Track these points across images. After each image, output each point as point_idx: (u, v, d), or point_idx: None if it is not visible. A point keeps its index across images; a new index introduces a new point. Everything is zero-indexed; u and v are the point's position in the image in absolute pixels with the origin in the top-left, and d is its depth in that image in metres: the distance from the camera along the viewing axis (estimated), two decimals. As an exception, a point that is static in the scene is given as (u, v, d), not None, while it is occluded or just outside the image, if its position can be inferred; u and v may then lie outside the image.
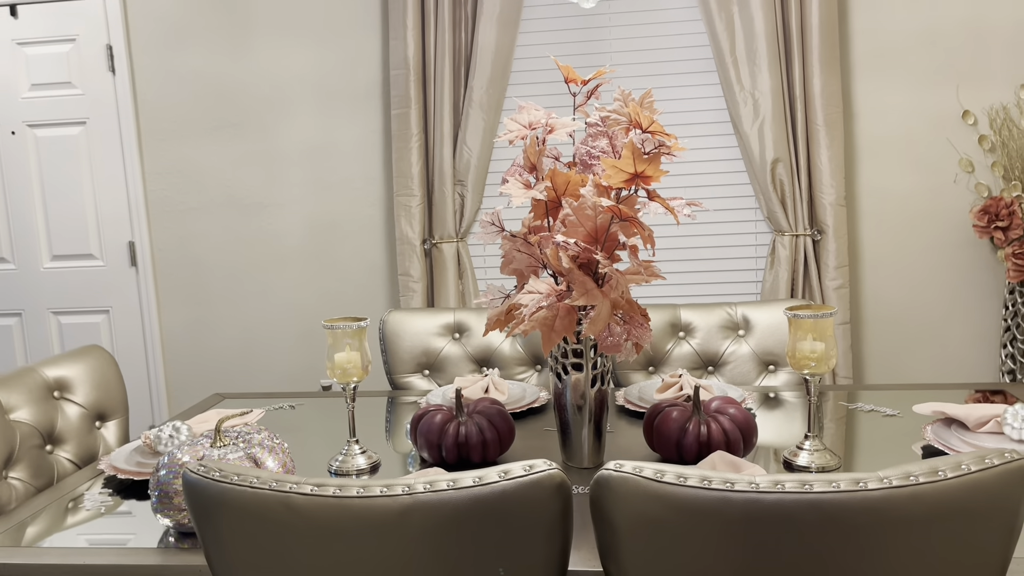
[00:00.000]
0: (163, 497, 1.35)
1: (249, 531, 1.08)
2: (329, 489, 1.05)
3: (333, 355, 1.64)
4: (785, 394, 2.03)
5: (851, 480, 0.96)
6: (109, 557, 1.32)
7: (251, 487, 1.07)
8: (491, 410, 1.66)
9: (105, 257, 3.48)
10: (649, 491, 1.01)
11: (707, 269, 3.23)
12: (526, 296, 1.45)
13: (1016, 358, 2.88)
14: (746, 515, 0.97)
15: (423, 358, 2.33)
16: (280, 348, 3.48)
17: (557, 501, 1.06)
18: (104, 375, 1.92)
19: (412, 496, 1.03)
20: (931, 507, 0.95)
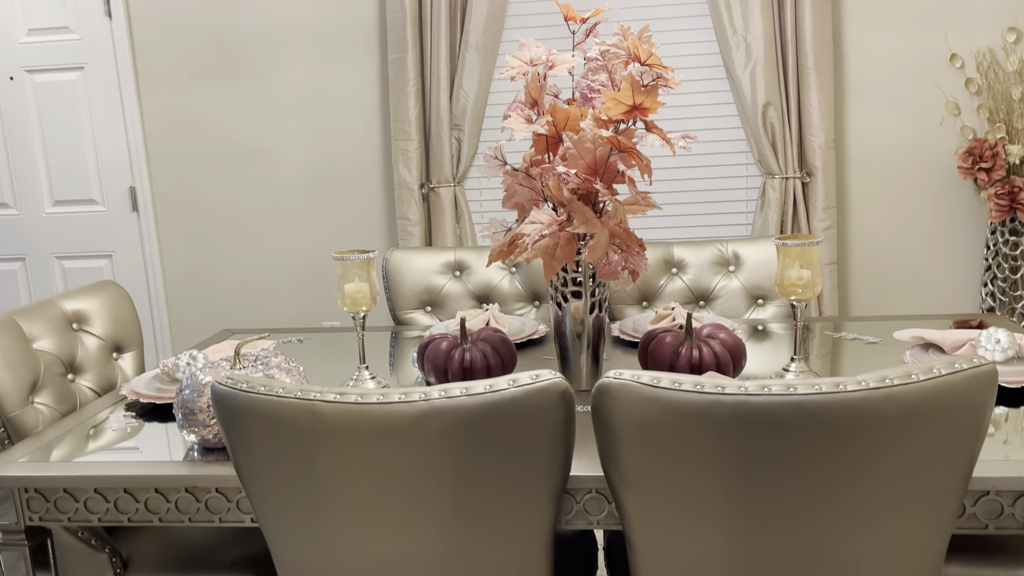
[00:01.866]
0: (188, 415, 1.44)
1: (276, 438, 1.16)
2: (351, 397, 1.13)
3: (343, 285, 1.72)
4: (773, 326, 2.12)
5: (832, 383, 1.05)
6: (139, 469, 1.40)
7: (278, 396, 1.15)
8: (494, 337, 1.75)
9: (106, 202, 3.52)
10: (646, 396, 1.09)
11: (699, 212, 3.31)
12: (528, 226, 1.52)
13: (996, 295, 2.98)
14: (735, 416, 1.06)
15: (425, 295, 2.41)
16: (281, 292, 3.55)
17: (561, 407, 1.14)
18: (119, 309, 2.00)
19: (428, 402, 1.11)
20: (904, 407, 1.04)
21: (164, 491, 1.40)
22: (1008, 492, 1.22)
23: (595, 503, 1.32)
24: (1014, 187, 2.81)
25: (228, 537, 1.77)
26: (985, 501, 1.23)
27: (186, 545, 1.75)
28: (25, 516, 1.43)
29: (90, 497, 1.41)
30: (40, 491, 1.42)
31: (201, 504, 1.40)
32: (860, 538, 1.10)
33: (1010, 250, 2.92)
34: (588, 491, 1.31)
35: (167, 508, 1.40)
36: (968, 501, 1.24)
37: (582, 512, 1.33)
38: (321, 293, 3.53)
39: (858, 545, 1.10)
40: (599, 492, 1.31)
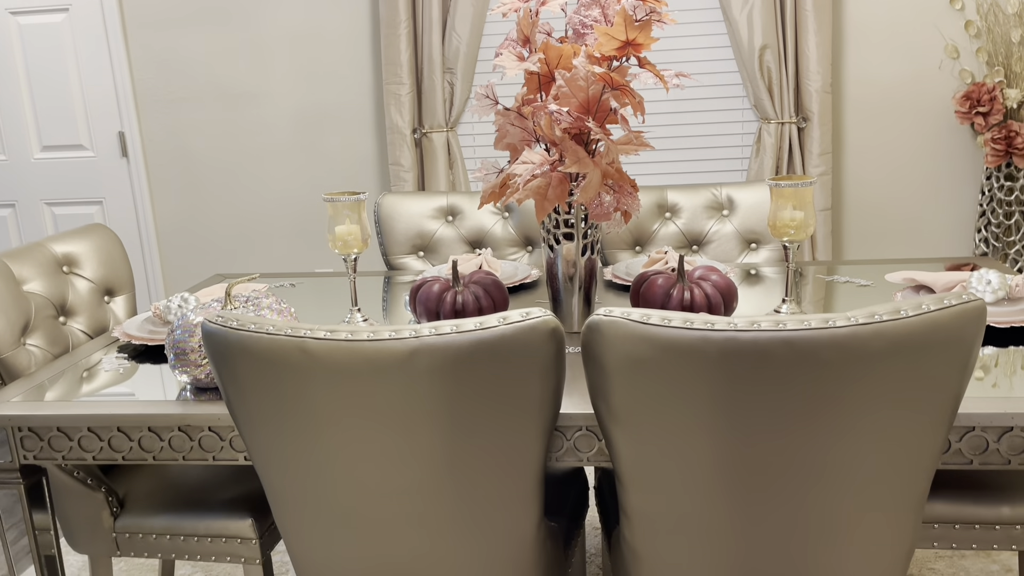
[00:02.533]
0: (180, 355, 1.44)
1: (267, 375, 1.17)
2: (341, 334, 1.13)
3: (334, 227, 1.71)
4: (765, 270, 2.12)
5: (821, 319, 1.05)
6: (132, 408, 1.41)
7: (268, 334, 1.15)
8: (486, 280, 1.74)
9: (95, 147, 3.48)
10: (636, 333, 1.09)
11: (694, 159, 3.28)
12: (520, 166, 1.51)
13: (989, 241, 2.98)
14: (724, 352, 1.06)
15: (417, 240, 2.40)
16: (274, 238, 3.53)
17: (551, 344, 1.15)
18: (109, 252, 1.98)
19: (419, 339, 1.11)
20: (892, 343, 1.04)
21: (157, 430, 1.40)
22: (993, 428, 1.23)
23: (585, 440, 1.33)
24: (1011, 131, 2.79)
25: (223, 476, 1.79)
26: (970, 437, 1.24)
27: (182, 484, 1.77)
28: (20, 455, 1.44)
29: (84, 436, 1.42)
30: (34, 430, 1.42)
31: (194, 443, 1.41)
32: (846, 473, 1.11)
33: (1005, 195, 2.91)
34: (578, 428, 1.33)
35: (160, 447, 1.41)
36: (954, 437, 1.25)
37: (572, 449, 1.34)
38: (314, 239, 3.52)
39: (845, 479, 1.12)
40: (589, 430, 1.32)
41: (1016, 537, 1.51)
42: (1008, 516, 1.50)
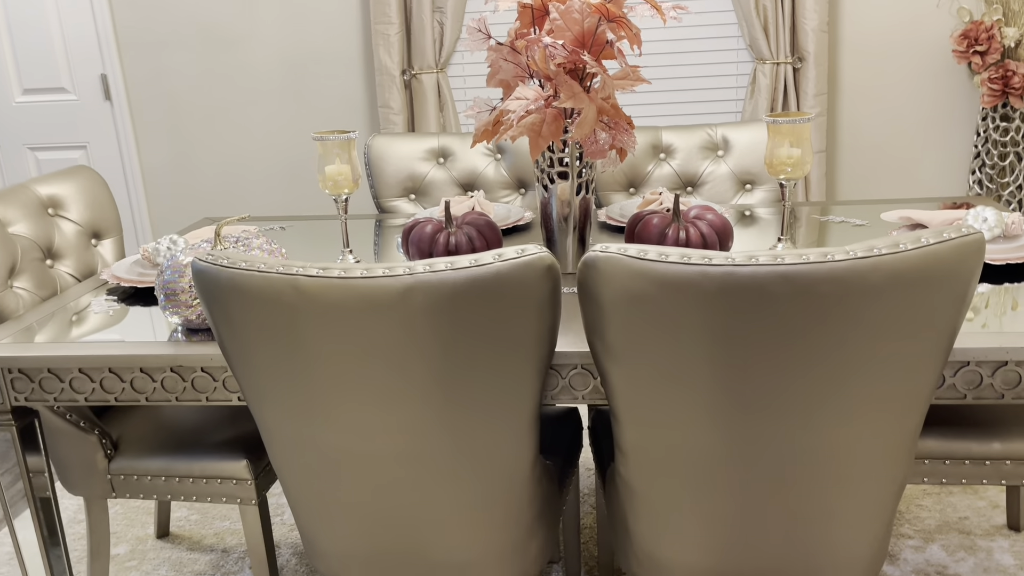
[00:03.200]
0: (170, 296, 1.42)
1: (259, 314, 1.15)
2: (334, 272, 1.11)
3: (324, 167, 1.68)
4: (760, 211, 2.11)
5: (819, 253, 1.04)
6: (123, 349, 1.40)
7: (259, 271, 1.13)
8: (479, 221, 1.72)
9: (78, 91, 3.41)
10: (633, 268, 1.08)
11: (688, 100, 3.24)
12: (514, 103, 1.48)
13: (983, 183, 2.97)
14: (722, 287, 1.05)
15: (408, 182, 2.37)
16: (263, 183, 3.49)
17: (547, 281, 1.13)
18: (95, 194, 1.95)
19: (413, 276, 1.10)
20: (890, 276, 1.03)
21: (149, 371, 1.39)
22: (988, 363, 1.24)
23: (580, 379, 1.33)
24: (1008, 71, 2.76)
25: (218, 418, 1.79)
26: (965, 372, 1.25)
27: (176, 426, 1.76)
28: (11, 397, 1.43)
29: (75, 377, 1.41)
30: (24, 371, 1.41)
31: (187, 383, 1.40)
32: (841, 407, 1.11)
33: (1000, 136, 2.89)
34: (573, 367, 1.32)
35: (153, 388, 1.40)
36: (948, 372, 1.25)
37: (567, 388, 1.34)
38: (303, 183, 3.48)
39: (839, 413, 1.12)
40: (584, 368, 1.32)
41: (1006, 472, 1.52)
42: (998, 451, 1.51)
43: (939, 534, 2.06)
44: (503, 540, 1.34)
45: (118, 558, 2.15)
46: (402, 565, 1.37)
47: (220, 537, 2.23)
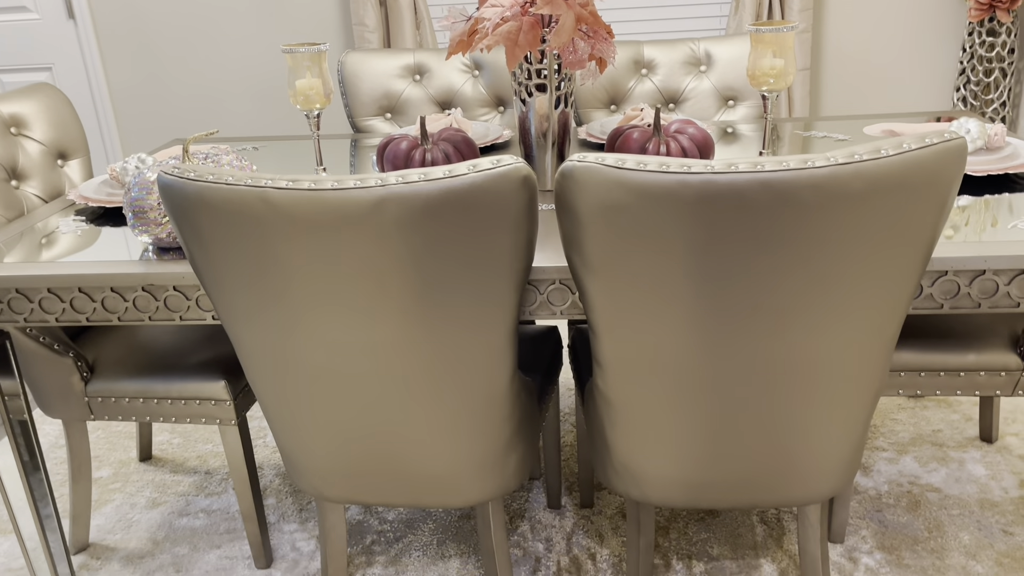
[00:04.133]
0: (139, 214, 1.39)
1: (229, 228, 1.12)
2: (304, 183, 1.08)
3: (294, 82, 1.63)
4: (742, 127, 2.07)
5: (800, 160, 1.02)
6: (93, 268, 1.37)
7: (227, 184, 1.10)
8: (456, 137, 1.69)
9: (39, 9, 3.28)
10: (611, 178, 1.06)
11: (671, 17, 3.16)
12: (489, 10, 1.43)
13: (967, 100, 2.94)
14: (701, 196, 1.03)
15: (384, 100, 2.31)
16: (235, 104, 3.40)
17: (523, 193, 1.11)
18: (59, 113, 1.89)
19: (386, 188, 1.07)
20: (872, 182, 1.01)
21: (120, 290, 1.37)
22: (966, 272, 1.23)
23: (558, 294, 1.32)
24: (996, -16, 2.70)
25: (195, 340, 1.78)
26: (943, 281, 1.24)
27: (152, 349, 1.75)
28: (-20, 318, 1.40)
29: (44, 297, 1.38)
30: (-8, 293, 1.38)
31: (160, 303, 1.38)
32: (819, 316, 1.11)
33: (986, 52, 2.85)
34: (551, 282, 1.31)
35: (125, 307, 1.38)
36: (926, 282, 1.25)
37: (545, 303, 1.33)
38: (276, 106, 3.39)
39: (817, 322, 1.12)
40: (562, 283, 1.31)
41: (979, 383, 1.54)
42: (973, 363, 1.53)
43: (913, 446, 2.10)
44: (482, 454, 1.35)
45: (101, 481, 2.16)
46: (382, 479, 1.38)
47: (203, 459, 2.24)
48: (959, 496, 1.91)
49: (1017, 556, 1.72)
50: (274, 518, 1.98)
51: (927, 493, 1.92)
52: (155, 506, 2.05)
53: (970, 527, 1.81)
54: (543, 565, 1.78)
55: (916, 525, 1.82)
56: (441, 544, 1.86)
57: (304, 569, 1.81)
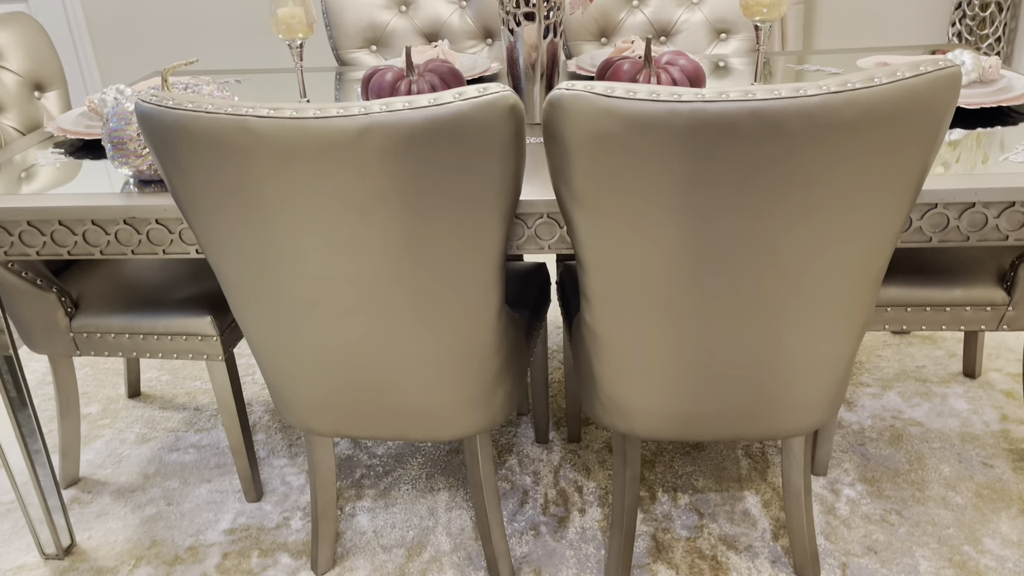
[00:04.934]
0: (118, 145, 1.36)
1: (210, 158, 1.10)
2: (286, 112, 1.06)
3: (275, 10, 1.58)
4: (734, 61, 2.04)
5: (791, 88, 1.00)
6: (73, 201, 1.34)
7: (207, 113, 1.07)
8: (443, 68, 1.65)
9: (11, -64, 3.17)
10: (600, 107, 1.04)
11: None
12: (476, -65, 1.38)
13: (963, 35, 2.90)
14: (692, 124, 1.01)
15: (369, 32, 2.26)
16: (217, 37, 3.32)
17: (510, 122, 1.09)
18: (35, 43, 1.84)
19: (369, 116, 1.05)
20: (864, 111, 1.00)
21: (102, 223, 1.35)
22: (955, 204, 1.23)
23: (546, 228, 1.30)
24: (997, -86, 2.64)
25: (180, 276, 1.76)
26: (932, 214, 1.24)
27: (137, 284, 1.73)
28: (-41, 252, 1.38)
29: (24, 230, 1.36)
30: (-30, 226, 1.36)
31: (142, 236, 1.36)
32: (809, 247, 1.10)
33: (983, -15, 2.80)
34: (539, 216, 1.30)
35: (107, 241, 1.36)
36: (915, 215, 1.24)
37: (533, 237, 1.32)
38: (262, 36, 3.32)
39: (806, 254, 1.11)
40: (550, 217, 1.30)
41: (965, 318, 1.55)
42: (959, 298, 1.53)
43: (897, 382, 2.12)
44: (470, 388, 1.35)
45: (90, 417, 2.16)
46: (370, 412, 1.38)
47: (192, 396, 2.24)
48: (941, 430, 1.93)
49: (996, 488, 1.75)
50: (264, 453, 1.99)
51: (909, 427, 1.95)
52: (145, 442, 2.06)
53: (950, 460, 1.84)
54: (531, 497, 1.80)
55: (897, 458, 1.85)
56: (430, 478, 1.88)
57: (294, 502, 1.83)
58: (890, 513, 1.70)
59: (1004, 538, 1.62)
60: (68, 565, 1.69)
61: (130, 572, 1.67)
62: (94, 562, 1.69)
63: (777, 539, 1.66)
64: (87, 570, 1.67)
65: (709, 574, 1.58)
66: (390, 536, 1.72)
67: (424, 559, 1.66)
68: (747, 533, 1.67)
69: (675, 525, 1.70)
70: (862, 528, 1.67)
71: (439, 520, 1.76)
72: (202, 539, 1.74)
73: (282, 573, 1.64)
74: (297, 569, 1.65)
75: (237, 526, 1.77)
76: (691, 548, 1.65)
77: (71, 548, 1.73)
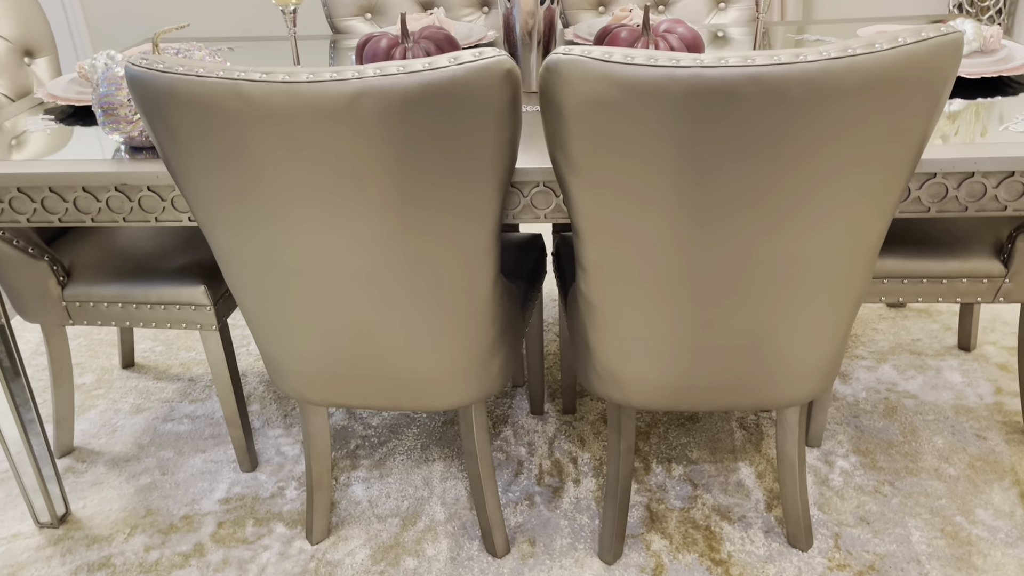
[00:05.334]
0: (108, 111, 1.34)
1: (201, 124, 1.09)
2: (279, 76, 1.04)
3: (269, -26, 1.56)
4: (733, 31, 2.02)
5: (792, 54, 0.98)
6: (63, 167, 1.33)
7: (199, 76, 1.06)
8: (438, 35, 1.63)
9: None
10: (597, 72, 1.02)
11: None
12: (472, -103, 1.36)
13: (963, 6, 2.87)
14: (690, 90, 1.00)
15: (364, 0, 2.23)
16: (209, 3, 3.28)
17: (506, 87, 1.07)
18: (24, 8, 1.81)
19: (363, 80, 1.03)
20: (865, 77, 0.98)
21: (92, 190, 1.33)
22: (955, 174, 1.22)
23: (542, 197, 1.29)
24: None
25: (173, 245, 1.75)
26: (931, 184, 1.23)
27: (130, 253, 1.72)
28: (-51, 219, 1.37)
29: (14, 197, 1.34)
30: (-41, 192, 1.34)
31: (134, 203, 1.34)
32: (806, 217, 1.09)
33: (985, -44, 2.77)
34: (535, 184, 1.28)
35: (98, 208, 1.35)
36: (914, 185, 1.23)
37: (529, 206, 1.31)
38: (258, 12, 3.28)
39: (803, 224, 1.10)
40: (546, 185, 1.28)
41: (961, 290, 1.55)
42: (956, 270, 1.53)
43: (892, 355, 2.12)
44: (465, 357, 1.34)
45: (84, 387, 2.16)
46: (365, 382, 1.38)
47: (186, 367, 2.24)
48: (935, 402, 1.94)
49: (989, 460, 1.76)
50: (258, 424, 1.99)
51: (904, 400, 1.95)
52: (139, 412, 2.06)
53: (944, 432, 1.84)
54: (525, 468, 1.81)
55: (891, 430, 1.86)
56: (425, 448, 1.88)
57: (289, 472, 1.83)
58: (883, 484, 1.71)
59: (996, 509, 1.63)
60: (63, 533, 1.69)
61: (125, 540, 1.67)
62: (89, 530, 1.70)
63: (770, 509, 1.66)
64: (82, 538, 1.68)
65: (703, 544, 1.59)
66: (385, 506, 1.73)
67: (419, 528, 1.66)
68: (741, 504, 1.68)
69: (669, 496, 1.71)
70: (855, 499, 1.68)
71: (434, 490, 1.76)
72: (197, 508, 1.75)
73: (277, 542, 1.65)
74: (292, 538, 1.65)
75: (232, 496, 1.78)
76: (685, 518, 1.65)
77: (66, 517, 1.73)
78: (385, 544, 1.63)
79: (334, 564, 1.59)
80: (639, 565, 1.55)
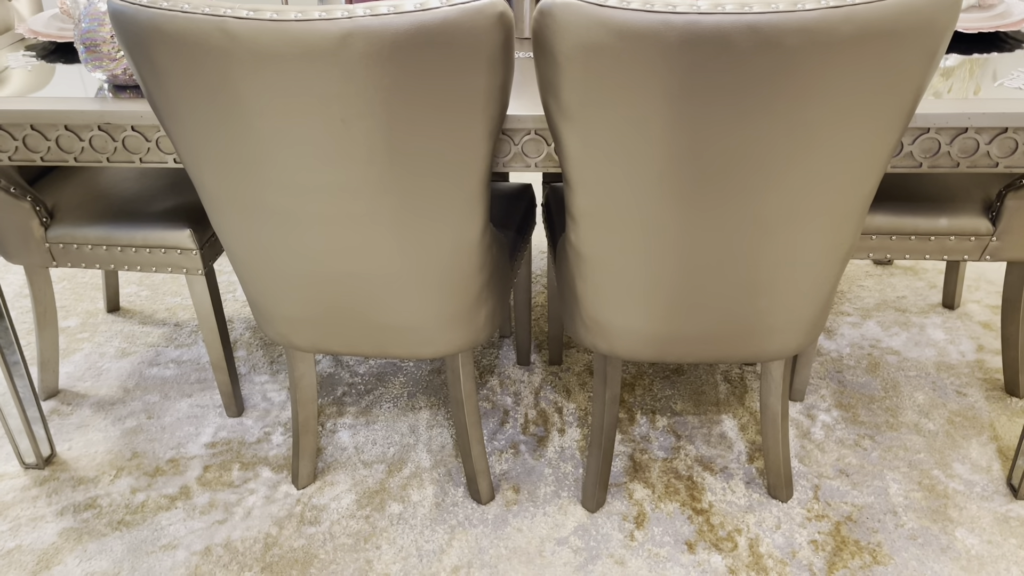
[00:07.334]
0: (91, 48, 1.31)
1: (186, 62, 1.06)
2: (266, 13, 1.02)
3: (256, -90, 1.51)
4: None
5: (789, 2, 0.97)
6: (45, 104, 1.30)
7: (183, 12, 1.03)
8: (429, -23, 1.59)
9: None
10: (591, 16, 1.00)
11: None
12: None
13: (963, -38, 2.84)
14: (685, 37, 0.99)
15: (354, -60, 2.18)
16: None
17: (499, 30, 1.05)
18: (2, -60, 1.75)
19: (352, 20, 1.01)
20: (862, 27, 0.97)
21: (75, 128, 1.31)
22: (948, 130, 1.21)
23: (533, 145, 1.28)
24: None
25: (158, 188, 1.73)
26: (923, 139, 1.22)
27: (115, 195, 1.70)
28: (-72, 156, 1.34)
29: (-5, 135, 1.32)
30: (-61, 129, 1.31)
31: (118, 143, 1.32)
32: (799, 169, 1.09)
33: (987, -90, 2.72)
34: (527, 132, 1.27)
35: (81, 147, 1.32)
36: (906, 140, 1.23)
37: (520, 154, 1.29)
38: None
39: (797, 176, 1.10)
40: (538, 133, 1.27)
41: (949, 247, 1.55)
42: (944, 227, 1.53)
43: (876, 311, 2.13)
44: (452, 305, 1.34)
45: (69, 330, 2.15)
46: (351, 328, 1.38)
47: (172, 312, 2.23)
48: (917, 359, 1.96)
49: (968, 415, 1.78)
50: (245, 369, 1.99)
51: (887, 356, 1.97)
52: (124, 356, 2.05)
53: (925, 388, 1.87)
54: (511, 417, 1.82)
55: (873, 385, 1.88)
56: (411, 396, 1.89)
57: (275, 417, 1.84)
58: (863, 438, 1.73)
59: (973, 463, 1.66)
60: (48, 474, 1.70)
61: (111, 482, 1.68)
62: (75, 472, 1.70)
63: (752, 461, 1.69)
64: (68, 479, 1.68)
65: (684, 493, 1.61)
66: (371, 452, 1.74)
67: (404, 475, 1.68)
68: (723, 455, 1.70)
69: (652, 446, 1.73)
70: (835, 452, 1.70)
71: (420, 438, 1.77)
72: (183, 452, 1.75)
73: (263, 486, 1.66)
74: (278, 482, 1.67)
75: (218, 440, 1.78)
76: (667, 468, 1.67)
77: (51, 458, 1.73)
78: (371, 489, 1.65)
79: (320, 508, 1.61)
80: (621, 513, 1.58)
